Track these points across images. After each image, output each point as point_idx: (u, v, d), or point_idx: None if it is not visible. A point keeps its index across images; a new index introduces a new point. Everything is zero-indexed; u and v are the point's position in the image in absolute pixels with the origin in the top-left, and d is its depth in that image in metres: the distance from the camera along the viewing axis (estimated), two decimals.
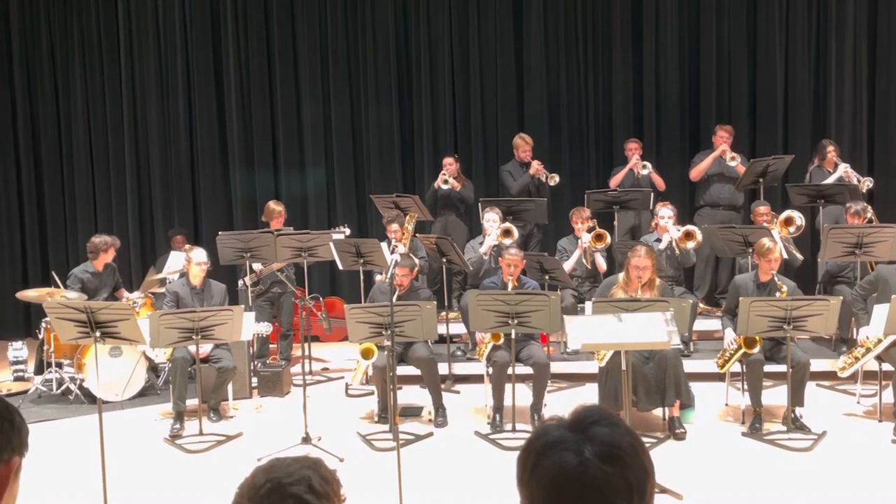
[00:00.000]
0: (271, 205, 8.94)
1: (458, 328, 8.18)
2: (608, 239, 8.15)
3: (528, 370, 6.81)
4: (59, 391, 7.74)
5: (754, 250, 6.90)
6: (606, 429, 1.36)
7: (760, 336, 6.33)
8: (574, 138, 10.15)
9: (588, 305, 6.37)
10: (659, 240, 7.97)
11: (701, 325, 8.34)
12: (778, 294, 6.33)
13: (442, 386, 7.15)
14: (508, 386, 6.50)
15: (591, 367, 6.90)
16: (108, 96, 10.64)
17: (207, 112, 10.49)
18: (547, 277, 7.73)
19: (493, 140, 10.20)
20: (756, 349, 6.41)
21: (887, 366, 6.59)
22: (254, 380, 7.92)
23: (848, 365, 6.76)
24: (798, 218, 7.96)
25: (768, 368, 6.65)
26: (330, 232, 8.41)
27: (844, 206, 7.92)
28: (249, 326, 6.92)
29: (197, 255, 7.37)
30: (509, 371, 6.48)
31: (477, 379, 7.52)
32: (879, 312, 6.31)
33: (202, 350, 6.90)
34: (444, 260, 8.02)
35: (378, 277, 8.00)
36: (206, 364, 7.09)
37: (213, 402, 7.17)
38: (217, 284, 7.50)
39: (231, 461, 6.15)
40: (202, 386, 6.88)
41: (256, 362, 8.14)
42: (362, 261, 7.70)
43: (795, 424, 6.32)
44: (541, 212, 8.78)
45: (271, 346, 8.75)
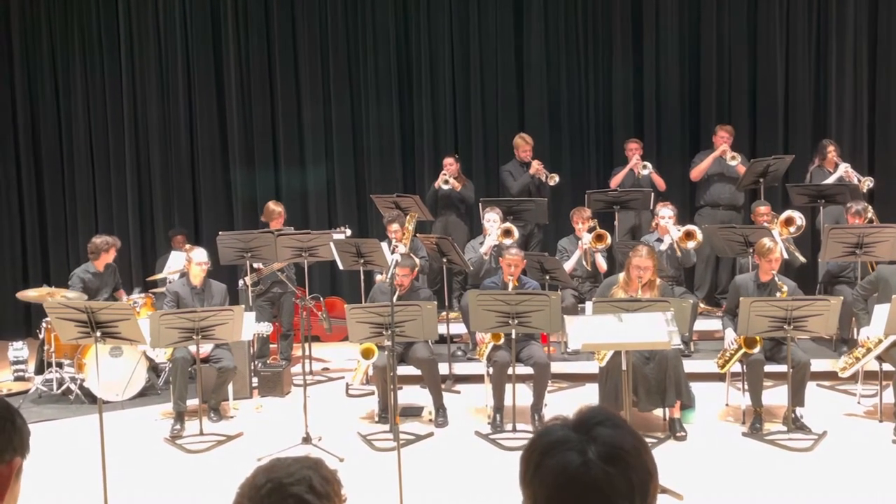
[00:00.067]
0: (271, 205, 8.94)
1: (459, 328, 8.17)
2: (608, 239, 8.14)
3: (529, 370, 6.81)
4: (60, 391, 7.75)
5: (755, 250, 6.90)
6: (610, 430, 1.36)
7: (761, 336, 6.32)
8: (574, 137, 10.15)
9: (588, 305, 6.37)
10: (660, 240, 7.97)
11: (701, 326, 8.34)
12: (778, 294, 6.32)
13: (442, 386, 7.15)
14: (509, 386, 6.50)
15: (592, 368, 6.90)
16: (109, 96, 10.64)
17: (208, 111, 10.49)
18: (547, 277, 7.73)
19: (494, 140, 10.20)
20: (756, 349, 6.41)
21: (888, 366, 6.59)
22: (254, 380, 7.92)
23: (848, 365, 6.76)
24: (798, 218, 7.95)
25: (769, 368, 6.65)
26: (330, 232, 8.41)
27: (845, 206, 7.92)
28: (250, 326, 6.92)
29: (197, 255, 7.37)
30: (510, 371, 6.48)
31: (477, 379, 7.52)
32: (880, 312, 6.31)
33: (202, 350, 6.90)
34: (445, 260, 8.02)
35: (378, 277, 8.00)
36: (207, 364, 7.09)
37: (214, 402, 7.17)
38: (217, 284, 7.50)
39: (231, 461, 6.15)
40: (202, 386, 6.88)
41: (257, 362, 8.14)
42: (363, 261, 7.69)
43: (796, 424, 6.32)
44: (541, 212, 8.78)
45: (272, 346, 8.74)
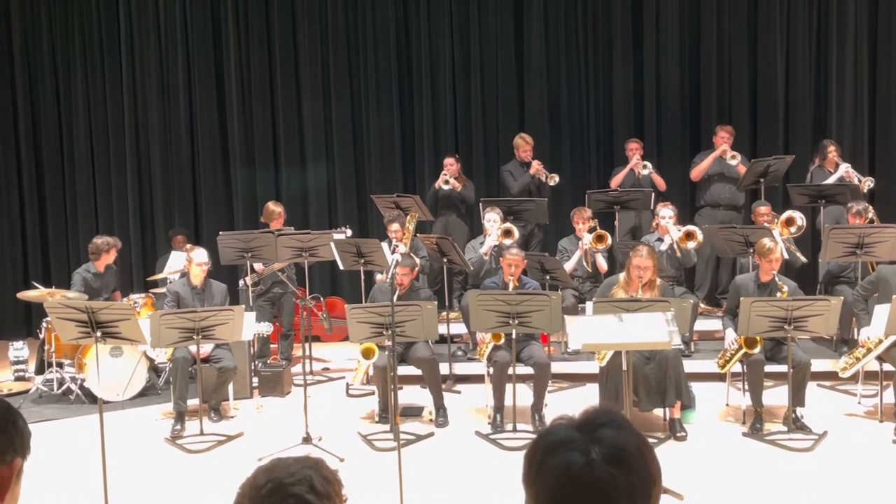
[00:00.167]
0: (270, 206, 8.94)
1: (459, 328, 8.17)
2: (609, 240, 8.15)
3: (529, 370, 6.80)
4: (60, 391, 7.75)
5: (755, 250, 6.90)
6: (615, 431, 1.36)
7: (761, 336, 6.32)
8: (575, 137, 10.14)
9: (589, 305, 6.37)
10: (660, 240, 7.97)
11: (702, 326, 8.34)
12: (779, 294, 6.32)
13: (443, 386, 7.15)
14: (509, 386, 6.49)
15: (592, 368, 6.90)
16: (109, 97, 10.65)
17: (208, 112, 10.49)
18: (548, 277, 7.73)
19: (494, 140, 10.20)
20: (757, 349, 6.41)
21: (888, 366, 6.59)
22: (254, 380, 7.92)
23: (849, 365, 6.76)
24: (799, 218, 7.95)
25: (769, 368, 6.65)
26: (331, 232, 8.41)
27: (846, 206, 7.92)
28: (250, 326, 6.92)
29: (198, 256, 7.37)
30: (510, 371, 6.48)
31: (478, 379, 7.52)
32: (880, 313, 6.31)
33: (203, 350, 6.90)
34: (445, 260, 8.02)
35: (379, 277, 8.00)
36: (207, 364, 7.09)
37: (214, 402, 7.17)
38: (218, 284, 7.50)
39: (232, 461, 6.15)
40: (203, 386, 6.88)
41: (257, 362, 8.14)
42: (363, 261, 7.69)
43: (796, 425, 6.32)
44: (541, 212, 8.78)
45: (272, 346, 8.75)
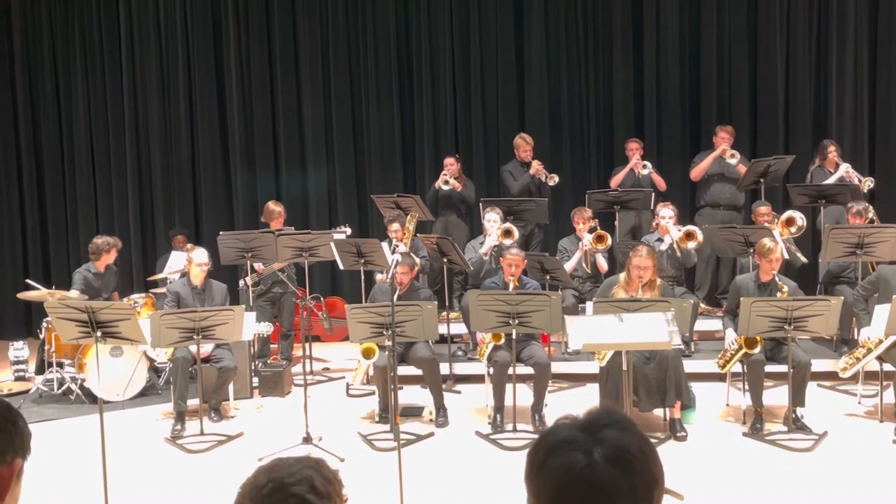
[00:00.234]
0: (270, 205, 8.94)
1: (459, 328, 8.17)
2: (609, 240, 8.15)
3: (529, 370, 6.80)
4: (60, 391, 7.75)
5: (755, 250, 6.90)
6: (618, 432, 1.36)
7: (761, 336, 6.32)
8: (575, 137, 10.15)
9: (589, 305, 6.37)
10: (660, 240, 7.97)
11: (702, 326, 8.34)
12: (779, 294, 6.32)
13: (443, 386, 7.15)
14: (509, 386, 6.49)
15: (592, 368, 6.90)
16: (110, 97, 10.65)
17: (208, 111, 10.49)
18: (548, 277, 7.73)
19: (494, 140, 10.20)
20: (757, 349, 6.41)
21: (888, 366, 6.59)
22: (255, 380, 7.92)
23: (849, 365, 6.76)
24: (799, 218, 7.94)
25: (769, 369, 6.65)
26: (331, 232, 8.41)
27: (846, 206, 7.92)
28: (250, 326, 6.92)
29: (198, 256, 7.37)
30: (510, 371, 6.48)
31: (478, 379, 7.52)
32: (880, 313, 6.31)
33: (203, 350, 6.90)
34: (445, 260, 8.02)
35: (379, 277, 8.00)
36: (207, 364, 7.09)
37: (214, 402, 7.17)
38: (218, 284, 7.50)
39: (232, 461, 6.15)
40: (203, 386, 6.88)
41: (257, 362, 8.14)
42: (363, 261, 7.69)
43: (796, 425, 6.32)
44: (542, 212, 8.78)
45: (272, 346, 8.75)
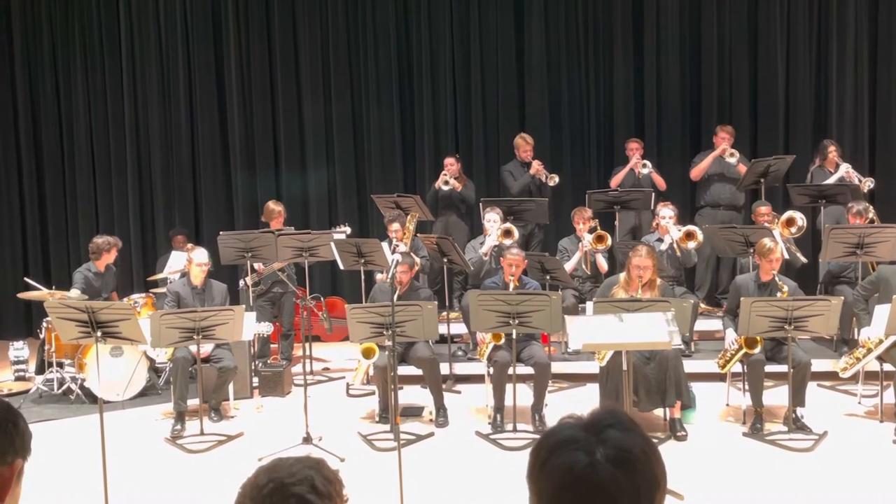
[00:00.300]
0: (270, 205, 8.94)
1: (459, 328, 8.17)
2: (609, 240, 8.15)
3: (529, 370, 6.80)
4: (60, 391, 7.74)
5: (755, 250, 6.90)
6: (621, 433, 1.36)
7: (761, 336, 6.32)
8: (575, 136, 10.14)
9: (589, 305, 6.37)
10: (660, 240, 7.97)
11: (702, 326, 8.34)
12: (779, 294, 6.32)
13: (443, 386, 7.15)
14: (509, 386, 6.49)
15: (592, 368, 6.90)
16: (110, 96, 10.65)
17: (208, 111, 10.49)
18: (548, 277, 7.73)
19: (494, 140, 10.20)
20: (757, 349, 6.41)
21: (888, 366, 6.59)
22: (255, 380, 7.92)
23: (849, 365, 6.76)
24: (800, 219, 7.93)
25: (769, 369, 6.65)
26: (331, 231, 8.41)
27: (846, 206, 7.92)
28: (250, 326, 6.92)
29: (198, 256, 7.36)
30: (510, 371, 6.48)
31: (478, 379, 7.52)
32: (880, 313, 6.31)
33: (203, 350, 6.90)
34: (446, 260, 8.02)
35: (379, 277, 8.00)
36: (207, 364, 7.09)
37: (214, 402, 7.17)
38: (218, 284, 7.50)
39: (232, 461, 6.15)
40: (203, 386, 6.88)
41: (257, 362, 8.14)
42: (363, 261, 7.69)
43: (796, 425, 6.32)
44: (542, 212, 8.77)
45: (272, 346, 8.75)
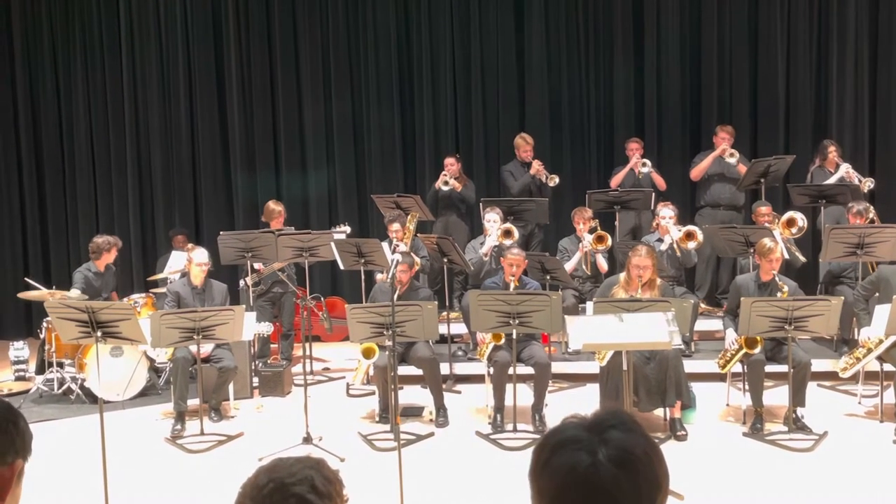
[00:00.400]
0: (271, 205, 8.94)
1: (460, 328, 8.17)
2: (609, 241, 8.15)
3: (530, 370, 6.80)
4: (61, 391, 7.74)
5: (755, 250, 6.90)
6: (623, 433, 1.36)
7: (762, 336, 6.32)
8: (575, 136, 10.14)
9: (589, 305, 6.37)
10: (660, 240, 7.97)
11: (702, 326, 8.34)
12: (779, 294, 6.32)
13: (443, 386, 7.15)
14: (509, 386, 6.49)
15: (593, 368, 6.90)
16: (110, 96, 10.65)
17: (209, 111, 10.49)
18: (548, 277, 7.73)
19: (495, 139, 10.20)
20: (757, 349, 6.41)
21: (888, 366, 6.59)
22: (255, 380, 7.92)
23: (849, 365, 6.76)
24: (800, 219, 7.93)
25: (769, 369, 6.65)
26: (331, 231, 8.41)
27: (846, 206, 7.92)
28: (250, 326, 6.92)
29: (198, 256, 7.36)
30: (510, 371, 6.48)
31: (478, 379, 7.52)
32: (881, 313, 6.31)
33: (203, 350, 6.90)
34: (446, 260, 8.02)
35: (379, 277, 8.00)
36: (207, 364, 7.09)
37: (215, 402, 7.17)
38: (218, 284, 7.50)
39: (232, 461, 6.15)
40: (203, 386, 6.88)
41: (257, 362, 8.14)
42: (363, 261, 7.69)
43: (796, 425, 6.32)
44: (542, 212, 8.77)
45: (272, 346, 8.75)
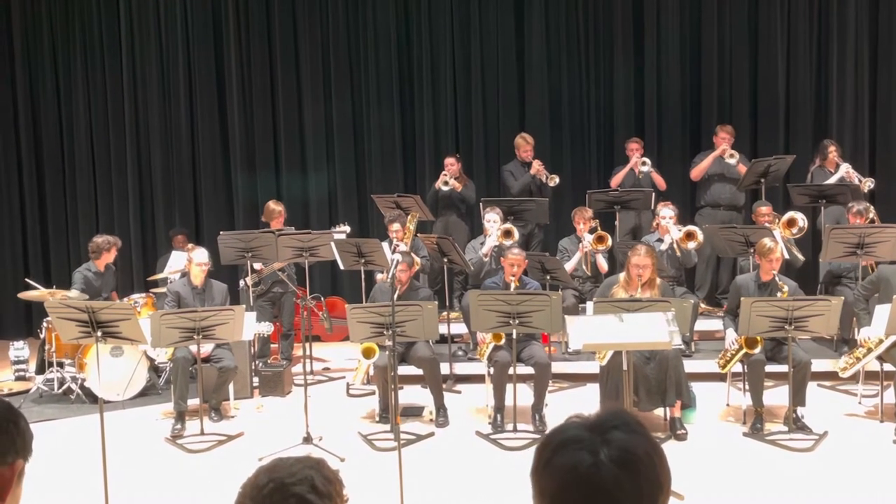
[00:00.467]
0: (271, 205, 8.94)
1: (460, 328, 8.17)
2: (609, 241, 8.15)
3: (530, 370, 6.80)
4: (61, 391, 7.74)
5: (755, 250, 6.90)
6: (626, 434, 1.36)
7: (762, 336, 6.32)
8: (575, 136, 10.14)
9: (589, 305, 6.37)
10: (660, 240, 7.97)
11: (702, 326, 8.34)
12: (779, 294, 6.32)
13: (443, 386, 7.15)
14: (509, 386, 6.49)
15: (593, 368, 6.90)
16: (110, 96, 10.65)
17: (209, 111, 10.49)
18: (548, 277, 7.73)
19: (495, 139, 10.20)
20: (757, 349, 6.41)
21: (888, 366, 6.59)
22: (255, 379, 7.92)
23: (849, 365, 6.76)
24: (801, 219, 7.93)
25: (769, 368, 6.65)
26: (331, 231, 8.41)
27: (846, 206, 7.92)
28: (250, 326, 6.92)
29: (198, 256, 7.36)
30: (510, 371, 6.48)
31: (478, 379, 7.52)
32: (881, 313, 6.31)
33: (203, 350, 6.90)
34: (446, 260, 8.02)
35: (379, 277, 8.00)
36: (208, 364, 7.09)
37: (215, 402, 7.17)
38: (218, 284, 7.50)
39: (232, 461, 6.15)
40: (203, 386, 6.88)
41: (258, 362, 8.14)
42: (363, 261, 7.69)
43: (797, 425, 6.32)
44: (542, 212, 8.77)
45: (272, 346, 8.75)
